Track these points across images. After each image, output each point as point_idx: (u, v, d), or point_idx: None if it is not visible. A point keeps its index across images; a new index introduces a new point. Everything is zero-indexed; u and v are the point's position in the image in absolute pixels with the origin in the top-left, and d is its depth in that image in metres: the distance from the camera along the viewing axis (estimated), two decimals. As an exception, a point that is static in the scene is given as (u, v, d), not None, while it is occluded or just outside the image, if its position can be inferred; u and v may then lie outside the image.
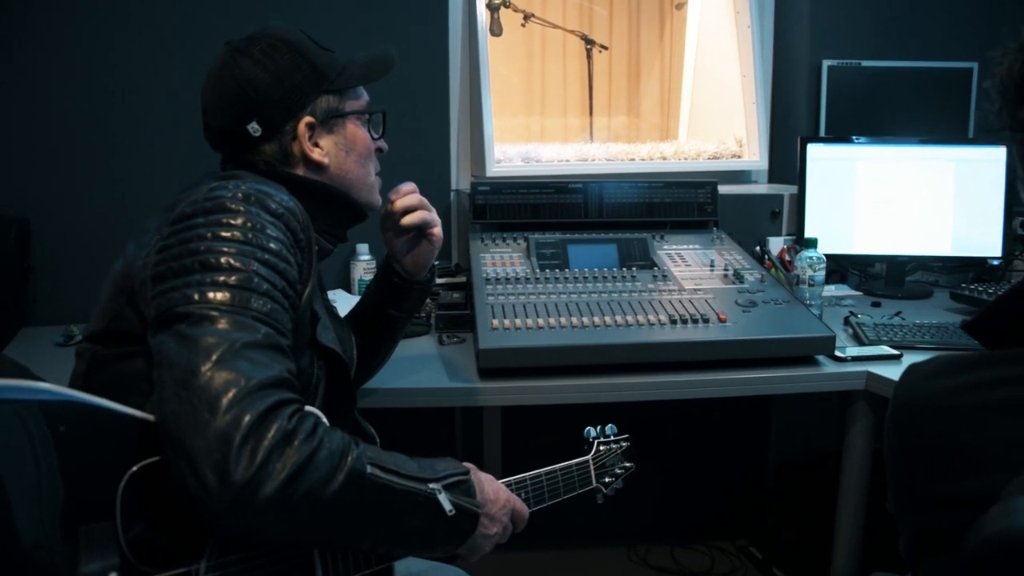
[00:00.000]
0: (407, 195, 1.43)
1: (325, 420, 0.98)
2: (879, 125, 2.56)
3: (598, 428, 1.51)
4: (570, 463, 1.42)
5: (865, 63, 2.59)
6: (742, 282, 1.91)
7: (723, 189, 2.24)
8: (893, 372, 1.69)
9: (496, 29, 2.50)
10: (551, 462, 1.39)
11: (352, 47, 1.33)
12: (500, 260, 1.97)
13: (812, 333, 1.73)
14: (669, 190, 2.17)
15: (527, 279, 1.88)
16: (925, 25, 2.63)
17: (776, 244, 2.31)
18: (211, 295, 0.96)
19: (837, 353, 1.75)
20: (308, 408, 0.96)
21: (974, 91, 2.62)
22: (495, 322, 1.68)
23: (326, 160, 1.26)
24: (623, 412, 1.66)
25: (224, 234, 1.01)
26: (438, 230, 1.46)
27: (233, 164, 1.25)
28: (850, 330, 1.98)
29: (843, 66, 2.58)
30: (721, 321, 1.72)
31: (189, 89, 1.28)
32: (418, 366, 1.74)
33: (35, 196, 2.19)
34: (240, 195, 1.05)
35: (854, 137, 2.43)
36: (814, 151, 2.40)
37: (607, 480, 1.47)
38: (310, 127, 1.24)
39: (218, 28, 1.48)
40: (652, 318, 1.71)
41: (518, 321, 1.68)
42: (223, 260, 0.99)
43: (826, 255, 2.04)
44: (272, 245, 1.03)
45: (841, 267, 2.54)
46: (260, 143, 1.22)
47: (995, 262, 2.42)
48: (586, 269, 1.93)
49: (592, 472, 1.45)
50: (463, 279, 2.15)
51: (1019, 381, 0.74)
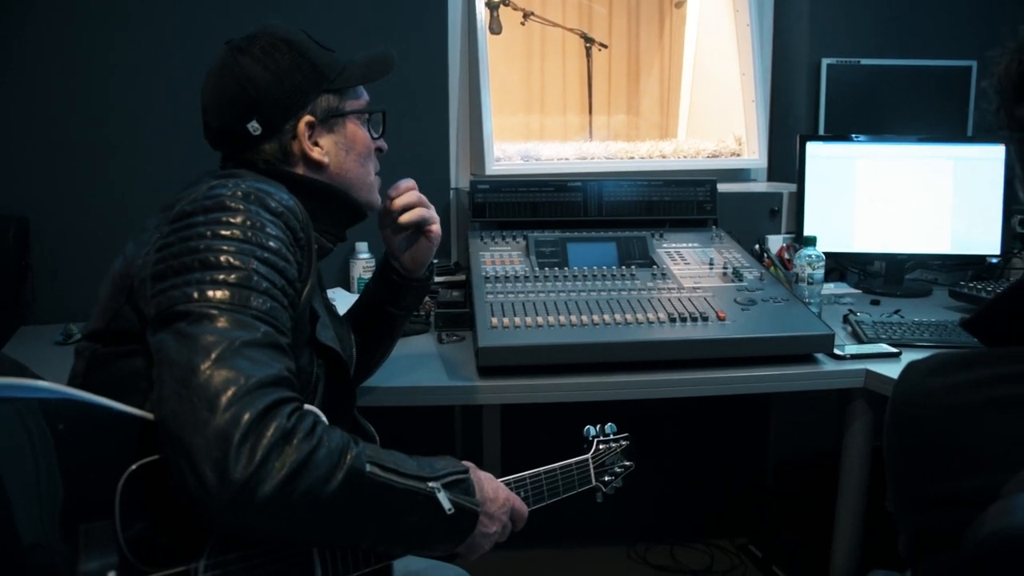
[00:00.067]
0: (406, 192, 1.44)
1: (324, 418, 0.98)
2: (878, 123, 2.56)
3: (597, 427, 1.51)
4: (569, 462, 1.42)
5: (864, 61, 2.59)
6: (741, 280, 1.91)
7: (722, 187, 2.24)
8: (892, 370, 1.69)
9: (495, 27, 2.50)
10: (550, 461, 1.39)
11: (352, 46, 1.33)
12: (499, 258, 1.97)
13: (811, 331, 1.73)
14: (668, 188, 2.17)
15: (526, 277, 1.88)
16: (924, 24, 2.63)
17: (775, 242, 2.31)
18: (211, 293, 0.96)
19: (836, 351, 1.75)
20: (307, 407, 0.96)
21: (973, 89, 2.62)
22: (494, 320, 1.68)
23: (326, 159, 1.26)
24: (622, 410, 1.66)
25: (224, 232, 1.01)
26: (436, 227, 1.46)
27: (233, 163, 1.25)
28: (849, 328, 1.98)
29: (842, 64, 2.58)
30: (720, 319, 1.72)
31: (188, 88, 1.28)
32: (417, 364, 1.74)
33: (34, 195, 2.19)
34: (240, 193, 1.05)
35: (853, 135, 2.43)
36: (813, 149, 2.40)
37: (606, 479, 1.47)
38: (310, 126, 1.24)
39: (218, 28, 1.48)
40: (651, 316, 1.71)
41: (517, 319, 1.68)
42: (223, 258, 0.99)
43: (825, 253, 2.04)
44: (272, 243, 1.03)
45: (840, 265, 2.54)
46: (260, 142, 1.22)
47: (994, 260, 2.42)
48: (585, 267, 1.93)
49: (591, 471, 1.45)
50: (462, 277, 2.15)
51: (1018, 379, 0.74)
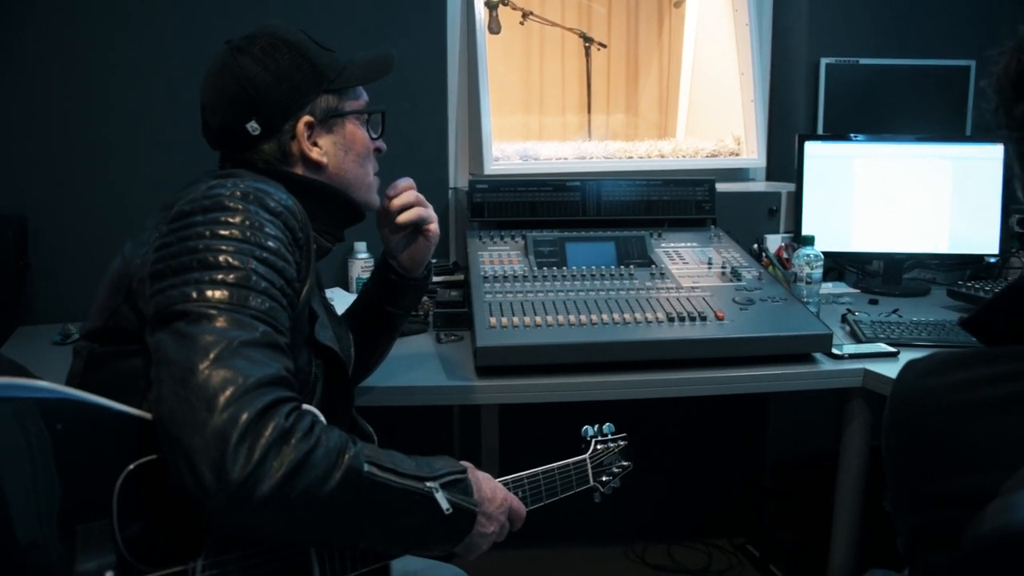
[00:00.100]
0: (404, 192, 1.44)
1: (322, 418, 0.98)
2: (877, 123, 2.56)
3: (595, 427, 1.51)
4: (567, 462, 1.42)
5: (863, 61, 2.59)
6: (740, 280, 1.91)
7: (721, 187, 2.24)
8: (890, 369, 1.69)
9: (495, 27, 2.50)
10: (548, 460, 1.38)
11: (351, 46, 1.33)
12: (498, 258, 1.97)
13: (809, 331, 1.73)
14: (667, 188, 2.17)
15: (525, 277, 1.88)
16: (923, 23, 2.64)
17: (774, 242, 2.31)
18: (209, 293, 0.96)
19: (834, 351, 1.75)
20: (305, 406, 0.96)
21: (972, 89, 2.62)
22: (493, 320, 1.68)
23: (325, 159, 1.26)
24: (620, 410, 1.66)
25: (223, 232, 1.01)
26: (434, 226, 1.46)
27: (232, 163, 1.24)
28: (847, 328, 1.98)
29: (841, 64, 2.58)
30: (719, 319, 1.72)
31: (188, 88, 1.28)
32: (416, 364, 1.74)
33: (33, 194, 2.19)
34: (239, 193, 1.05)
35: (852, 135, 2.43)
36: (812, 149, 2.40)
37: (604, 479, 1.47)
38: (309, 126, 1.24)
39: (218, 28, 1.48)
40: (650, 316, 1.71)
41: (516, 319, 1.68)
42: (221, 258, 0.99)
43: (824, 253, 2.04)
44: (270, 243, 1.03)
45: (839, 265, 2.54)
46: (259, 142, 1.22)
47: (992, 259, 2.42)
48: (584, 267, 1.93)
49: (589, 471, 1.45)
50: (461, 277, 2.15)
51: (1017, 377, 0.74)
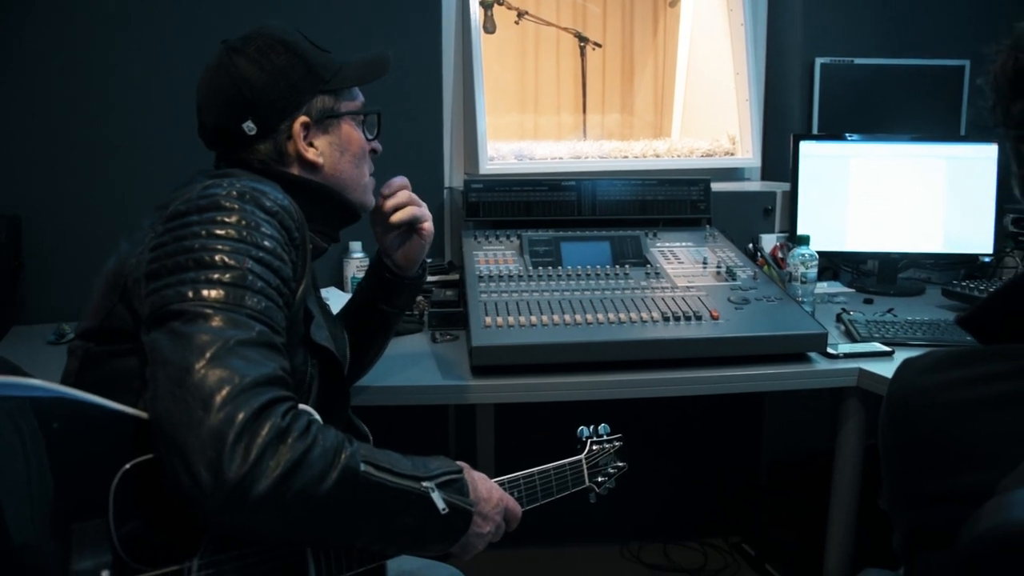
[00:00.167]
0: (398, 191, 1.44)
1: (319, 418, 0.98)
2: (872, 122, 2.57)
3: (591, 427, 1.51)
4: (563, 462, 1.42)
5: (858, 61, 2.60)
6: (735, 279, 1.92)
7: (716, 186, 2.24)
8: (885, 369, 1.70)
9: (489, 26, 2.50)
10: (544, 460, 1.39)
11: (346, 45, 1.33)
12: (493, 257, 1.97)
13: (804, 330, 1.73)
14: (662, 187, 2.17)
15: (520, 277, 1.88)
16: (918, 23, 2.64)
17: (769, 241, 2.31)
18: (205, 293, 0.96)
19: (829, 350, 1.76)
20: (302, 406, 0.96)
21: (966, 89, 2.63)
22: (488, 319, 1.68)
23: (320, 160, 1.26)
24: (616, 409, 1.66)
25: (218, 232, 1.01)
26: (429, 225, 1.46)
27: (227, 162, 1.24)
28: (842, 327, 1.99)
29: (836, 64, 2.58)
30: (714, 318, 1.72)
31: (188, 88, 1.27)
32: (411, 364, 1.73)
33: (27, 193, 2.18)
34: (235, 193, 1.05)
35: (847, 134, 2.43)
36: (807, 148, 2.41)
37: (600, 479, 1.47)
38: (305, 127, 1.24)
39: (218, 28, 1.48)
40: (645, 315, 1.72)
41: (511, 319, 1.68)
42: (217, 258, 0.98)
43: (818, 252, 2.04)
44: (266, 243, 1.03)
45: (833, 264, 2.55)
46: (255, 142, 1.22)
47: (986, 259, 2.43)
48: (579, 266, 1.93)
49: (585, 471, 1.45)
50: (456, 276, 2.15)
51: (1013, 375, 0.74)
